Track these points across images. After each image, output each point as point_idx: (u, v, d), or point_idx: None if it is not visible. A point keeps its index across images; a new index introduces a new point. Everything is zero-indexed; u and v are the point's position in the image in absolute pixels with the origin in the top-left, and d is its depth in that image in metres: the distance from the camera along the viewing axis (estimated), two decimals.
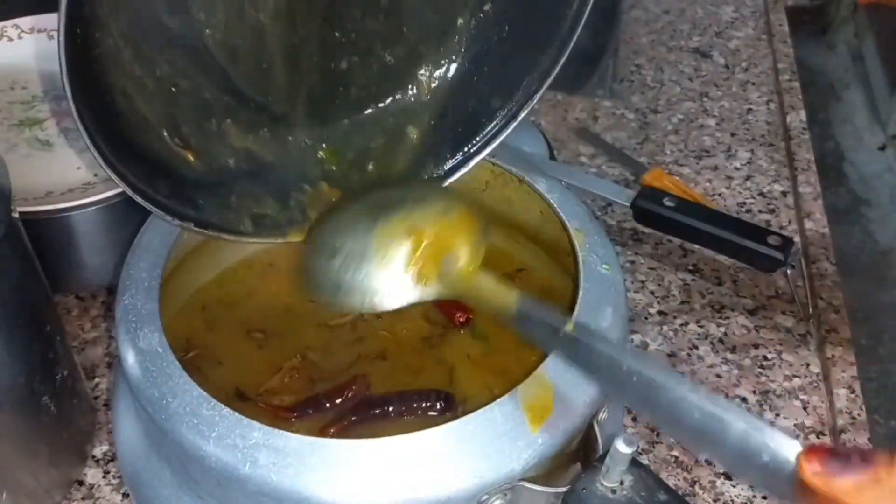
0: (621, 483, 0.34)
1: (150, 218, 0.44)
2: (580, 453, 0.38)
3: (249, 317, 0.49)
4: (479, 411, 0.35)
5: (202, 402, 0.35)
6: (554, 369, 0.37)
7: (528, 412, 0.35)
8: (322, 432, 0.42)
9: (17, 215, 0.42)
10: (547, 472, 0.36)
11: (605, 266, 0.43)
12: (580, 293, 0.41)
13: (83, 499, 0.52)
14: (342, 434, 0.42)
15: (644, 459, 0.55)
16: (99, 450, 0.54)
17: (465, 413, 0.36)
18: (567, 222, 0.45)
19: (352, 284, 0.34)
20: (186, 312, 0.48)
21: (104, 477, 0.53)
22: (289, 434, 0.34)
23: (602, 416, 0.39)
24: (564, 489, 0.35)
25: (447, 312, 0.47)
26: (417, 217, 0.36)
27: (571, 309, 0.41)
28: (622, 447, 0.33)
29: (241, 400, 0.43)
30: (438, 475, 0.34)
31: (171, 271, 0.44)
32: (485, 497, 0.34)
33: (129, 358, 0.38)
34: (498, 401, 0.36)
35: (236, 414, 0.35)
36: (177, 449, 0.36)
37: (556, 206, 0.46)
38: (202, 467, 0.35)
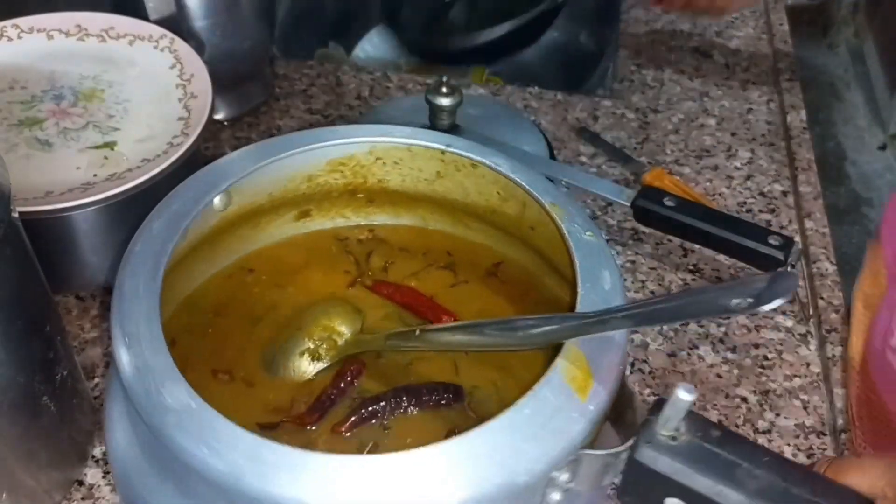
0: (678, 430, 0.35)
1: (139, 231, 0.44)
2: (612, 417, 0.39)
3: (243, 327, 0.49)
4: (529, 394, 0.36)
5: (212, 421, 0.35)
6: (580, 338, 0.38)
7: (572, 384, 0.37)
8: (335, 431, 0.43)
9: (17, 215, 0.42)
10: (594, 437, 0.37)
11: (588, 233, 0.44)
12: (576, 262, 0.42)
13: (83, 499, 0.52)
14: (352, 430, 0.43)
15: None
16: (99, 450, 0.54)
17: (472, 403, 0.41)
18: (540, 198, 0.46)
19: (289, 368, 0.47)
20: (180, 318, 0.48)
21: (104, 477, 0.53)
22: (323, 454, 0.34)
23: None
24: (624, 448, 0.36)
25: (435, 319, 0.49)
26: (311, 323, 0.48)
27: (572, 279, 0.42)
28: (683, 395, 0.33)
29: (269, 428, 0.44)
30: (508, 463, 0.34)
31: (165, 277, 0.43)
32: (554, 473, 0.35)
33: (128, 369, 0.38)
34: (542, 381, 0.37)
35: (253, 434, 0.35)
36: (173, 459, 0.35)
37: (524, 184, 0.47)
38: (206, 481, 0.35)
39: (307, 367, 0.47)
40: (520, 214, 0.49)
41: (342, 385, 0.45)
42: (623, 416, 0.38)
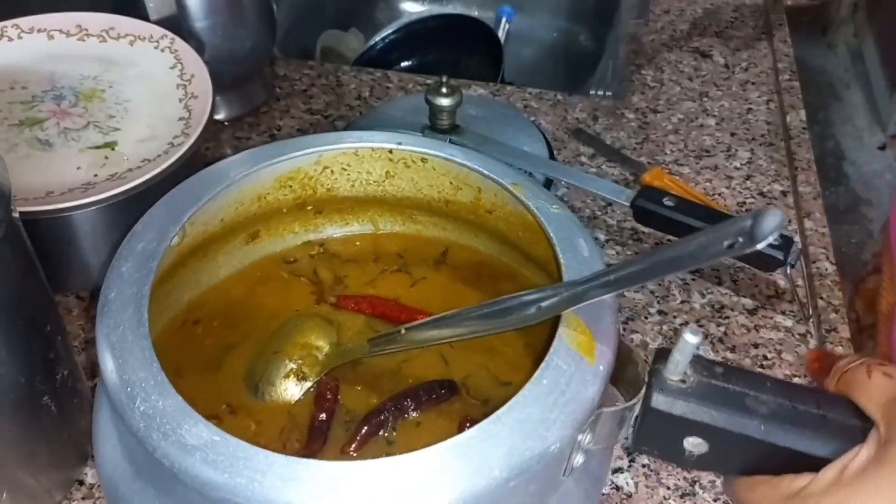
0: (686, 373, 0.37)
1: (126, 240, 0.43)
2: (613, 377, 0.40)
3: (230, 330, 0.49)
4: (542, 367, 0.37)
5: (200, 428, 0.35)
6: (577, 307, 0.39)
7: (579, 349, 0.38)
8: (344, 452, 0.43)
9: (17, 215, 0.42)
10: (603, 394, 0.38)
11: (554, 207, 0.45)
12: (551, 235, 0.43)
13: (83, 499, 0.52)
14: (361, 448, 0.43)
15: (643, 461, 0.55)
16: None
17: (469, 390, 0.43)
18: (501, 180, 0.47)
19: (277, 394, 0.47)
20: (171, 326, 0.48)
21: None
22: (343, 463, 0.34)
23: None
24: (637, 399, 0.37)
25: (409, 320, 0.48)
26: (286, 343, 0.48)
27: (541, 254, 0.43)
28: (690, 338, 0.35)
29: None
30: (539, 433, 0.35)
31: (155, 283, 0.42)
32: (580, 437, 0.37)
33: (112, 377, 0.37)
34: (552, 351, 0.37)
35: (245, 444, 0.34)
36: (164, 470, 0.35)
37: (483, 170, 0.48)
38: (193, 490, 0.34)
39: (293, 390, 0.46)
40: (475, 200, 0.50)
41: (327, 405, 0.45)
42: (624, 373, 0.39)
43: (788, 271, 0.55)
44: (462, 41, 1.06)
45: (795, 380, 0.60)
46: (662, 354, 0.37)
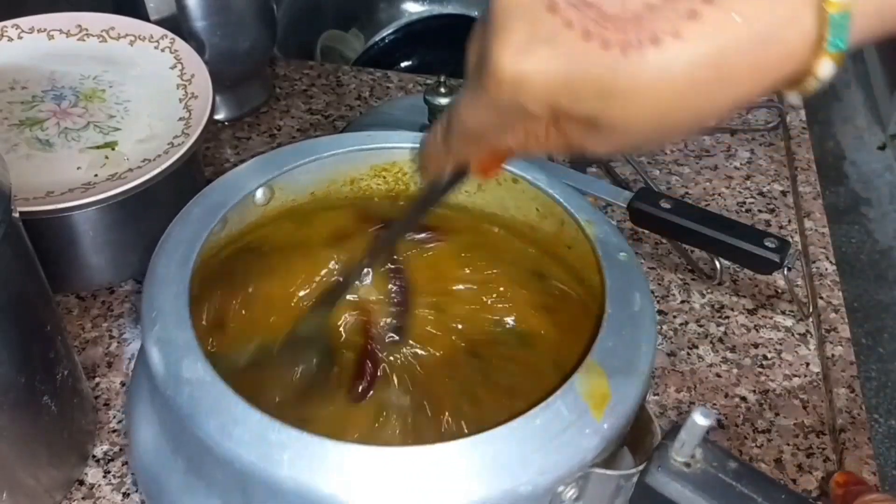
0: (693, 457, 0.34)
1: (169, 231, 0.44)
2: (630, 441, 0.38)
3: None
4: (542, 405, 0.36)
5: (226, 398, 0.36)
6: (604, 354, 0.38)
7: (588, 400, 0.36)
8: (351, 394, 0.45)
9: (17, 215, 0.42)
10: (608, 456, 0.37)
11: (622, 254, 0.44)
12: (607, 283, 0.42)
13: (84, 498, 0.52)
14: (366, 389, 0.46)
15: None
16: (99, 449, 0.54)
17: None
18: (577, 215, 0.46)
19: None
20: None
21: (104, 477, 0.53)
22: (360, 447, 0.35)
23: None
24: (635, 471, 0.35)
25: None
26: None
27: (602, 297, 0.41)
28: (700, 420, 0.33)
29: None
30: (513, 473, 0.34)
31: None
32: (561, 488, 0.35)
33: (152, 344, 0.38)
34: (558, 393, 0.36)
35: (263, 414, 0.35)
36: (188, 437, 0.36)
37: (561, 200, 0.47)
38: (215, 459, 0.35)
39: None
40: (557, 232, 0.48)
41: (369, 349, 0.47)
42: (641, 442, 0.38)
43: (786, 273, 0.55)
44: (462, 41, 1.06)
45: (795, 380, 0.60)
46: (675, 430, 0.35)
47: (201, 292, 0.43)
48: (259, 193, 0.46)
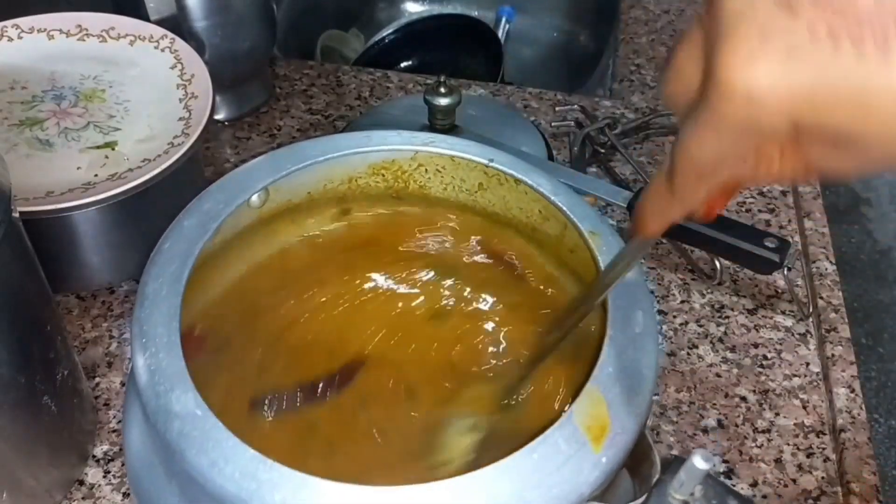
0: (692, 494, 0.34)
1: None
2: (629, 465, 0.38)
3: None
4: (540, 439, 0.35)
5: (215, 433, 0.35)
6: (603, 383, 0.37)
7: (587, 432, 0.35)
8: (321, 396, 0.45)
9: (17, 215, 0.42)
10: (606, 488, 0.36)
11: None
12: (608, 301, 0.40)
13: (84, 498, 0.52)
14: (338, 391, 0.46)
15: None
16: (99, 449, 0.54)
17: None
18: (580, 225, 0.45)
19: None
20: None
21: (104, 476, 0.53)
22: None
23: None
24: None
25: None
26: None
27: (604, 317, 0.40)
28: (699, 463, 0.32)
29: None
30: None
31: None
32: None
33: (141, 371, 0.37)
34: (556, 425, 0.35)
35: (253, 450, 0.34)
36: (178, 465, 0.36)
37: (564, 208, 0.46)
38: (205, 492, 0.34)
39: None
40: (560, 235, 0.48)
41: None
42: (640, 467, 0.37)
43: (786, 273, 0.55)
44: (462, 41, 1.06)
45: (795, 380, 0.60)
46: (675, 465, 0.34)
47: (193, 306, 0.43)
48: (255, 197, 0.46)
